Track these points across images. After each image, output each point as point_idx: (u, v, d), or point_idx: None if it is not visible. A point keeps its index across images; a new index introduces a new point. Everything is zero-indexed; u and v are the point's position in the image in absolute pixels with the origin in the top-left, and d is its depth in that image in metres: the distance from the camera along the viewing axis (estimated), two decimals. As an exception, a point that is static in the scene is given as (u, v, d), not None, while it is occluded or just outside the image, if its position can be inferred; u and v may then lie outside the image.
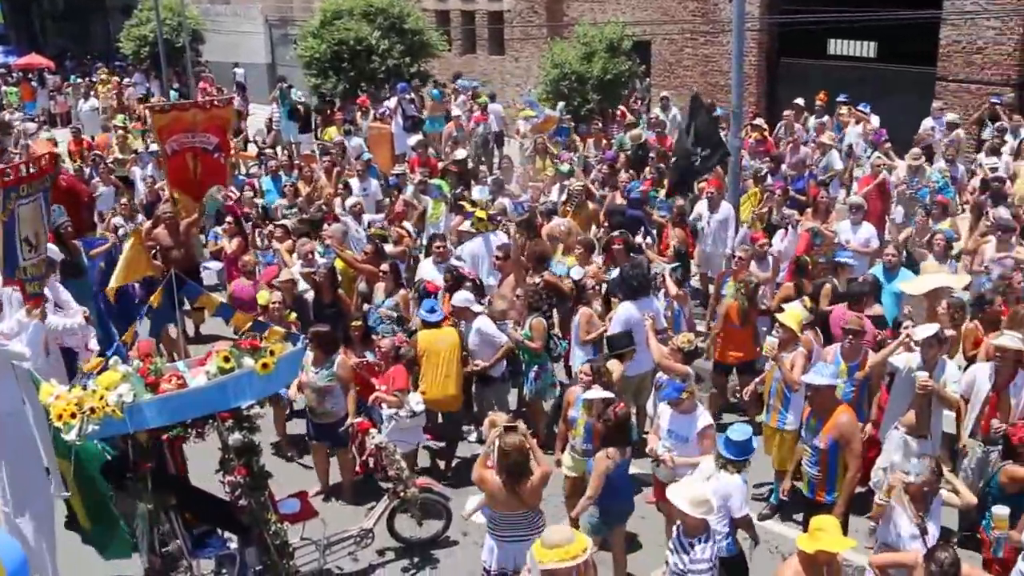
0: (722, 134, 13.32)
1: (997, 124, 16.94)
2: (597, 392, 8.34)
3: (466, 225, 13.12)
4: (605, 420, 7.96)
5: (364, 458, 9.39)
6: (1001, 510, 7.35)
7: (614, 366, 9.50)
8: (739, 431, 7.49)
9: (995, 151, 15.67)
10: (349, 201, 14.79)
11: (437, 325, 10.20)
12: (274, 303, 10.64)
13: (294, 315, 10.72)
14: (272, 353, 6.96)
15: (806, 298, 10.47)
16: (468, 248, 12.78)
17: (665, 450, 8.01)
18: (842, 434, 7.91)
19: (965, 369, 9.08)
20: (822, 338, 10.04)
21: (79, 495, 7.33)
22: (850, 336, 9.13)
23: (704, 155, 12.29)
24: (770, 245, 12.34)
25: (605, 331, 10.48)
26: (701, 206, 13.75)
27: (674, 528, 6.83)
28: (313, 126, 23.25)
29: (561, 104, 20.81)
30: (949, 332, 9.42)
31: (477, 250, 12.61)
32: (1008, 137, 16.21)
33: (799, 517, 8.93)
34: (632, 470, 8.36)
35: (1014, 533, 7.20)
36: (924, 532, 6.91)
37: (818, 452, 8.08)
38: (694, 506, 6.52)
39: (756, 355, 10.69)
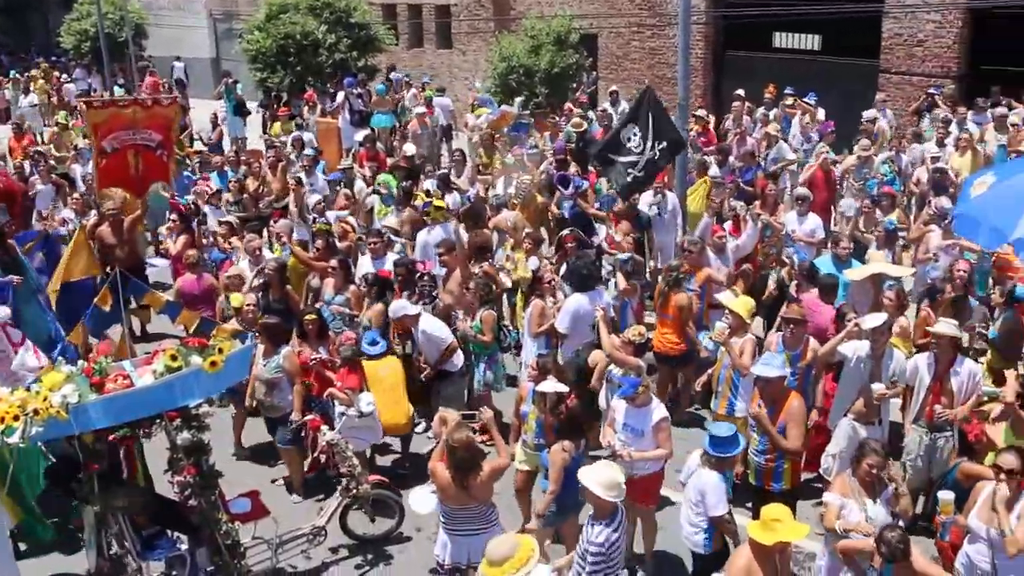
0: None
1: (942, 116, 17.17)
2: (550, 385, 8.28)
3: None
4: (558, 414, 7.96)
5: (316, 455, 9.34)
6: (946, 495, 7.45)
7: (597, 356, 9.56)
8: (723, 428, 7.55)
9: (940, 143, 15.89)
10: (313, 199, 14.67)
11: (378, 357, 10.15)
12: (248, 305, 10.46)
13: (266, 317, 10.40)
14: (220, 351, 6.89)
15: (736, 288, 10.59)
16: (422, 238, 12.76)
17: (621, 444, 8.03)
18: (792, 419, 8.02)
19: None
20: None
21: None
22: (791, 325, 9.22)
23: (662, 148, 12.27)
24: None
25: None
26: (647, 198, 13.79)
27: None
28: (263, 121, 23.07)
29: (519, 100, 20.74)
30: (901, 320, 9.54)
31: (432, 240, 12.55)
32: (953, 128, 16.45)
33: (749, 504, 8.99)
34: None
35: (960, 517, 7.30)
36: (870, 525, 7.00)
37: (767, 442, 8.15)
38: (606, 489, 6.53)
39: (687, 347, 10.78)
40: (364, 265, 12.18)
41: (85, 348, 10.37)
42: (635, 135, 12.30)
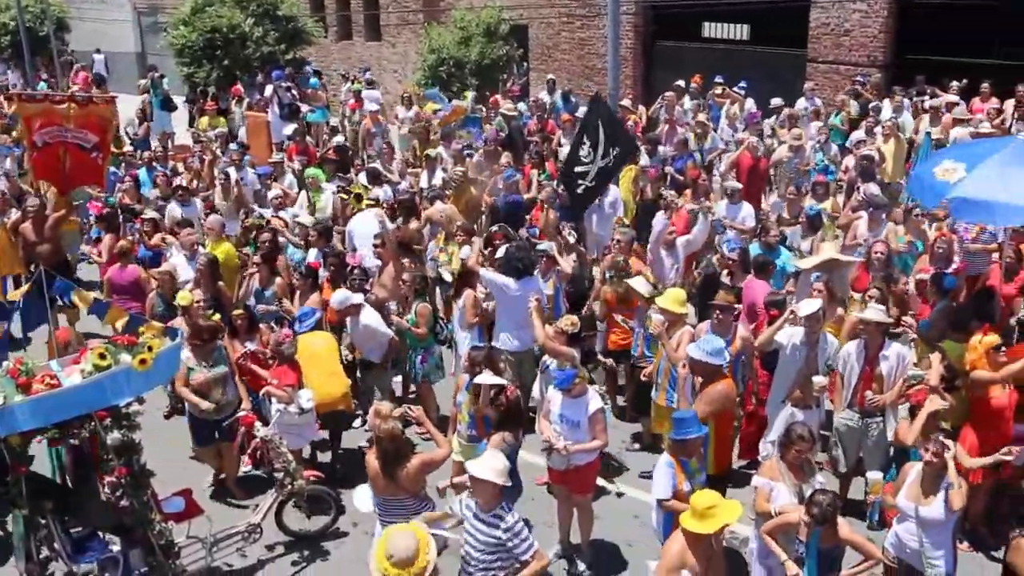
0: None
1: (872, 104, 17.44)
2: (488, 378, 8.27)
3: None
4: (497, 406, 7.94)
5: (250, 451, 9.22)
6: (875, 475, 7.61)
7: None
8: (683, 412, 7.62)
9: (868, 131, 16.16)
10: (272, 193, 14.42)
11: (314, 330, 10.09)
12: (197, 303, 10.21)
13: (218, 315, 10.20)
14: (150, 349, 6.76)
15: (647, 273, 10.69)
16: (349, 228, 12.77)
17: (557, 435, 8.03)
18: (709, 400, 8.03)
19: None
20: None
21: None
22: (718, 312, 9.29)
23: (615, 154, 12.24)
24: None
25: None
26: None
27: (468, 510, 6.68)
28: (190, 116, 22.71)
29: (471, 94, 20.57)
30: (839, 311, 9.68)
31: (359, 231, 12.54)
32: (884, 116, 16.74)
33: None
34: (521, 453, 8.37)
35: (888, 496, 7.44)
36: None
37: None
38: (500, 475, 6.50)
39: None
40: (310, 257, 12.19)
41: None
42: (584, 145, 12.29)
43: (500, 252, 11.16)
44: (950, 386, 8.36)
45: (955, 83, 17.90)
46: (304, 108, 20.43)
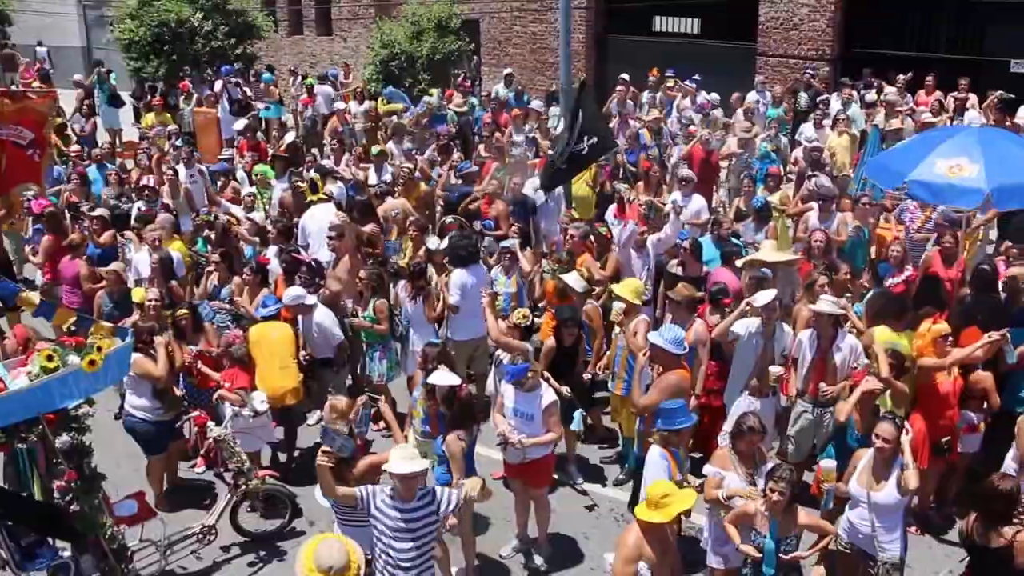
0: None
1: (821, 98, 17.60)
2: (442, 376, 8.24)
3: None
4: (451, 404, 7.91)
5: (203, 452, 9.13)
6: (828, 463, 7.65)
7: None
8: (670, 402, 7.63)
9: (818, 123, 16.30)
10: (244, 191, 14.22)
11: (273, 318, 10.00)
12: (151, 300, 9.96)
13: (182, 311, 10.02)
14: (99, 349, 6.66)
15: (585, 269, 10.69)
16: (302, 222, 12.66)
17: (511, 429, 8.03)
18: (661, 389, 8.03)
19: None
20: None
21: None
22: (674, 304, 9.38)
23: (591, 143, 12.18)
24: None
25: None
26: (533, 183, 13.82)
27: (391, 509, 6.56)
28: (135, 112, 22.37)
29: (436, 91, 20.40)
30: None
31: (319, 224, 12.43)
32: (834, 109, 16.91)
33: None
34: (477, 448, 8.35)
35: (840, 484, 7.51)
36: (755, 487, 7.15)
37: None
38: (423, 462, 6.49)
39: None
40: (269, 254, 11.98)
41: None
42: (568, 135, 12.20)
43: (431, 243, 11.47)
44: (899, 372, 8.47)
45: (900, 76, 18.12)
46: (260, 105, 20.17)
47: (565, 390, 8.94)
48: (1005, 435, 8.38)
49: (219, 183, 15.23)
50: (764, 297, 8.95)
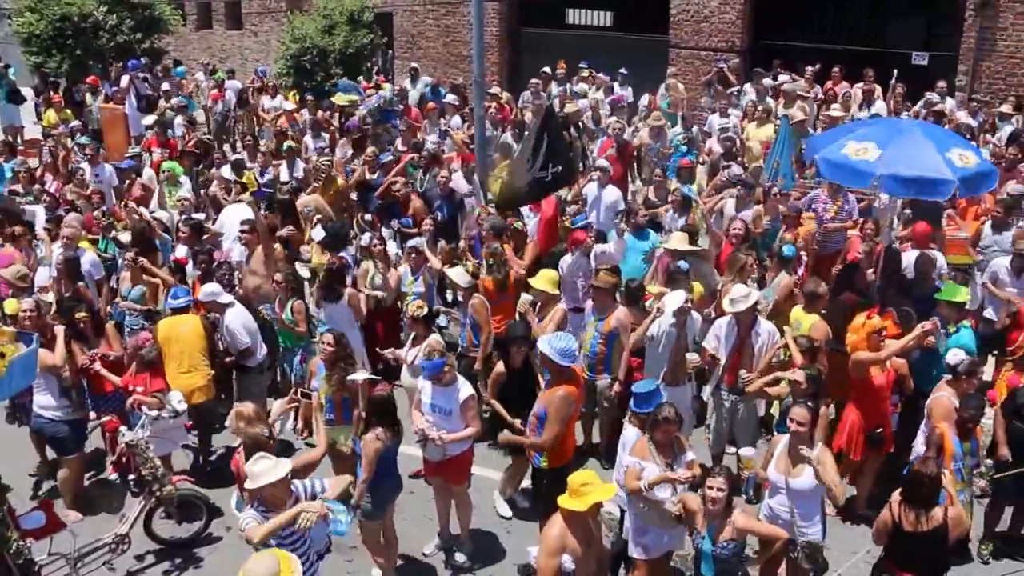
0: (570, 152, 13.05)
1: (732, 89, 17.80)
2: (361, 374, 8.29)
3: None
4: (371, 399, 7.80)
5: (115, 459, 8.87)
6: (748, 451, 7.75)
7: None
8: (643, 384, 7.65)
9: (723, 112, 16.48)
10: (179, 194, 13.73)
11: (183, 311, 9.76)
12: (24, 312, 9.29)
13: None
14: (3, 355, 6.43)
15: (469, 264, 10.76)
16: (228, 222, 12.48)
17: (429, 425, 7.95)
18: (548, 404, 7.86)
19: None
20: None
21: None
22: (596, 291, 9.43)
23: (555, 172, 12.08)
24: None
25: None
26: (458, 179, 13.76)
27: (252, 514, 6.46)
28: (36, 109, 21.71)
29: (388, 87, 20.04)
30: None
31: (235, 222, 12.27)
32: (745, 98, 17.12)
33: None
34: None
35: (760, 471, 7.59)
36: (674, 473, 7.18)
37: (532, 416, 8.02)
38: (283, 468, 6.40)
39: None
40: (178, 253, 11.75)
41: None
42: (532, 157, 11.94)
43: (364, 239, 11.55)
44: (811, 357, 8.63)
45: (809, 67, 18.44)
46: (175, 101, 19.64)
47: (518, 423, 8.47)
48: (916, 416, 8.65)
49: (126, 181, 14.85)
50: (675, 301, 9.01)
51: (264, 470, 6.31)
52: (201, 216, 13.06)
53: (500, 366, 8.83)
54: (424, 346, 9.03)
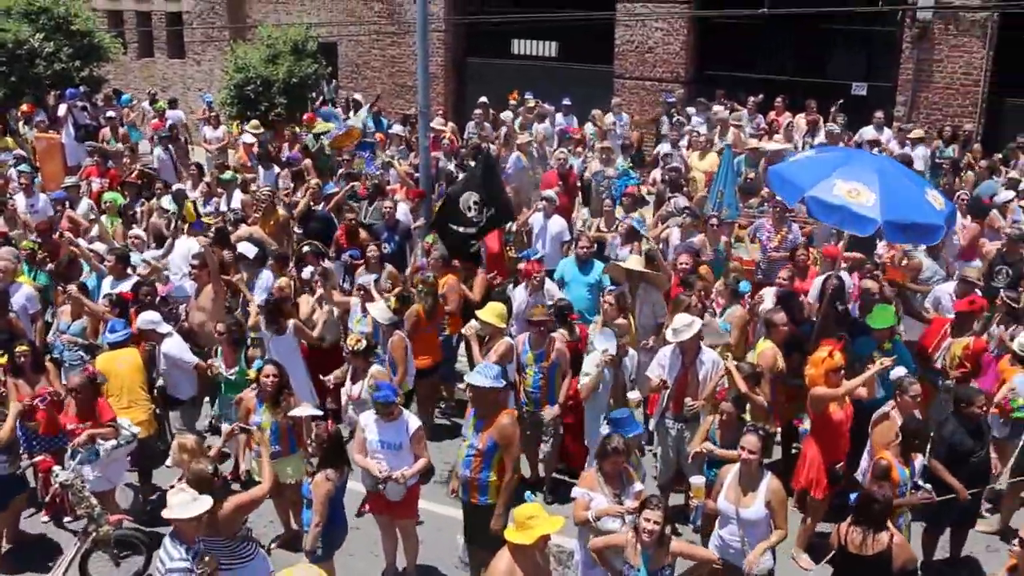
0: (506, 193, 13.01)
1: (675, 119, 17.93)
2: (304, 409, 8.20)
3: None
4: (319, 439, 7.67)
5: (48, 500, 8.59)
6: (697, 480, 7.70)
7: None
8: (617, 412, 7.71)
9: (674, 143, 16.56)
10: (133, 232, 13.36)
11: (122, 345, 9.52)
12: None
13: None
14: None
15: (390, 295, 10.64)
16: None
17: (386, 468, 7.81)
18: (503, 435, 7.72)
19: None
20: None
21: None
22: (536, 327, 9.39)
23: (491, 215, 12.04)
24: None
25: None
26: (403, 210, 13.68)
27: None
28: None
29: (363, 112, 19.82)
30: (620, 321, 9.78)
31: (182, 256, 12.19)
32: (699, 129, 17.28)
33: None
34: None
35: (709, 501, 7.56)
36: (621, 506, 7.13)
37: (474, 452, 7.83)
38: (201, 504, 6.33)
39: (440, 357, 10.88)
40: (105, 286, 11.47)
41: None
42: (475, 204, 11.92)
43: (306, 272, 11.39)
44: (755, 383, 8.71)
45: (751, 98, 18.65)
46: (121, 130, 19.30)
47: None
48: (860, 438, 8.71)
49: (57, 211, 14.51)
50: (606, 342, 9.05)
51: (179, 503, 6.23)
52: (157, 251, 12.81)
53: None
54: (368, 378, 8.93)
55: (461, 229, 11.98)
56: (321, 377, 10.09)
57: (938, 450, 8.34)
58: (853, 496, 7.67)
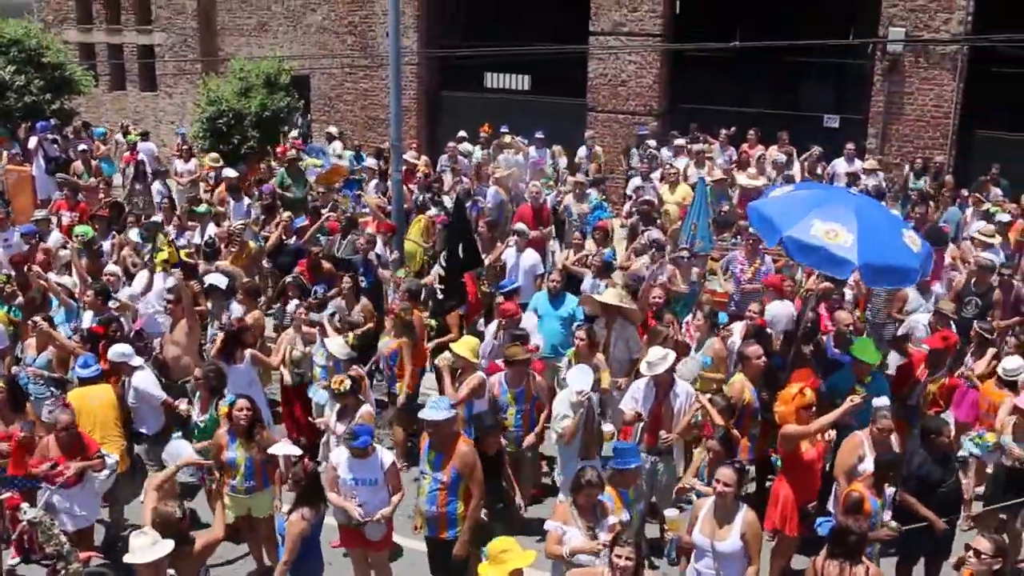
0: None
1: (648, 152, 17.98)
2: (282, 448, 8.15)
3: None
4: (296, 478, 7.60)
5: (15, 538, 8.43)
6: (672, 513, 7.69)
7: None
8: (623, 443, 7.79)
9: (645, 176, 16.60)
10: (108, 269, 13.09)
11: (93, 381, 9.38)
12: None
13: None
14: None
15: (351, 337, 10.61)
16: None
17: (364, 512, 7.77)
18: (465, 464, 7.75)
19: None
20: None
21: None
22: (513, 365, 9.35)
23: (463, 259, 12.22)
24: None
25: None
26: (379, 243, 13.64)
27: None
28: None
29: (349, 154, 19.68)
30: (595, 358, 9.76)
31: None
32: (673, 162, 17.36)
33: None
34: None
35: (684, 535, 7.52)
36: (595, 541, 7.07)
37: (439, 485, 7.82)
38: (163, 547, 6.31)
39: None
40: (85, 321, 11.38)
41: None
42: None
43: (291, 306, 11.43)
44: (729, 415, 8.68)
45: (723, 130, 18.78)
46: (94, 163, 19.14)
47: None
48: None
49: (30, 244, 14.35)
50: (581, 381, 8.97)
51: (139, 546, 6.20)
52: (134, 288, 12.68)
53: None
54: (357, 417, 8.83)
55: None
56: (310, 419, 10.26)
57: (908, 483, 8.33)
58: (820, 521, 7.70)
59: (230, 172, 18.11)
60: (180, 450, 8.22)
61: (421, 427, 11.08)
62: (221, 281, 11.51)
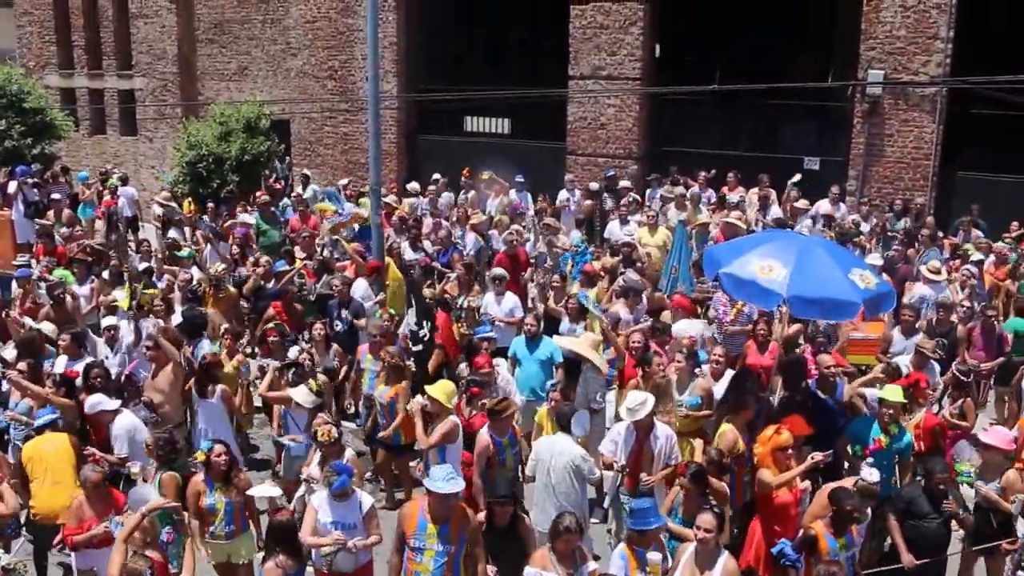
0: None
1: (626, 198, 18.00)
2: (263, 490, 8.26)
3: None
4: (272, 524, 7.54)
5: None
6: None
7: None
8: (642, 501, 7.48)
9: (623, 219, 16.63)
10: (106, 321, 12.92)
11: (51, 428, 9.32)
12: None
13: None
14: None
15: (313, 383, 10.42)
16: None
17: (337, 542, 7.68)
18: (472, 531, 7.56)
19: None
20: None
21: None
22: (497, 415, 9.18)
23: (430, 327, 12.44)
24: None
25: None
26: (361, 288, 13.64)
27: None
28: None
29: (364, 200, 19.46)
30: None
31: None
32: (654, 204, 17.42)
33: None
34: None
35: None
36: None
37: (445, 558, 7.45)
38: None
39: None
40: (59, 366, 11.25)
41: None
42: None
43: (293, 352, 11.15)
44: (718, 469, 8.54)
45: (703, 173, 18.86)
46: (66, 212, 19.06)
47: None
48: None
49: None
50: (578, 429, 8.91)
51: None
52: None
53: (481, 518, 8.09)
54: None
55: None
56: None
57: (896, 506, 8.43)
58: (782, 545, 7.65)
59: (247, 218, 17.95)
60: (146, 495, 8.07)
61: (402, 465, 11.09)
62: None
